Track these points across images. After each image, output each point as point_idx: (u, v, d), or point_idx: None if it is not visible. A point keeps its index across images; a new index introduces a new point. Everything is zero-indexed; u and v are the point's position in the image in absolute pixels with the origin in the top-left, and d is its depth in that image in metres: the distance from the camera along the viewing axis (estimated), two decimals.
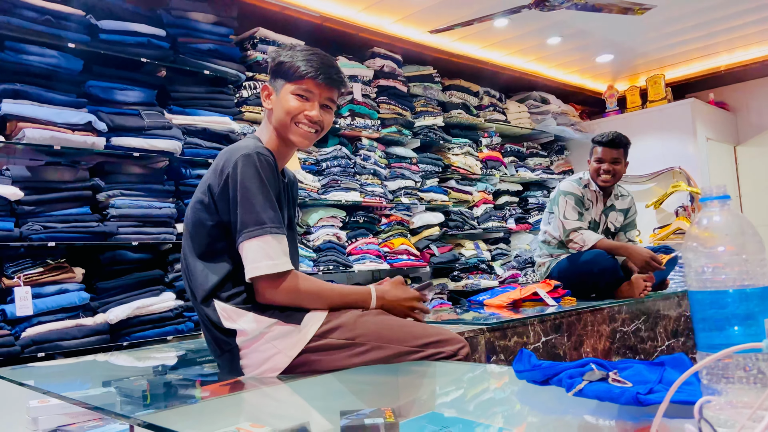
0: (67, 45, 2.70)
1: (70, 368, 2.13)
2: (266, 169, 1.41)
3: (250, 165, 1.39)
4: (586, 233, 3.08)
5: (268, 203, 1.38)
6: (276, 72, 1.52)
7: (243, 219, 1.36)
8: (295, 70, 1.48)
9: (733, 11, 4.24)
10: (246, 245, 1.36)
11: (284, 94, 1.50)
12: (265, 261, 1.34)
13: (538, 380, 1.06)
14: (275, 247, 1.36)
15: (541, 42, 4.59)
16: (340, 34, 3.99)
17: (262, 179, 1.38)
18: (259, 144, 1.47)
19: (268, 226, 1.36)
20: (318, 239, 3.67)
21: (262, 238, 1.35)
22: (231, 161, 1.40)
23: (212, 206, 1.42)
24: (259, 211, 1.36)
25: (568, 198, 3.15)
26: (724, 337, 0.71)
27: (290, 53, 1.51)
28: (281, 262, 1.36)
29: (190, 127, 3.06)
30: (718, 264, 0.71)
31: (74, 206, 2.67)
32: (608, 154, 3.11)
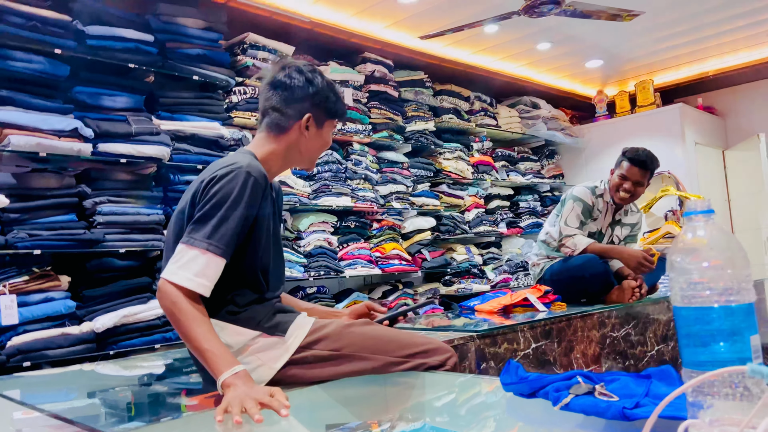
0: (54, 51, 2.67)
1: (55, 378, 2.11)
2: (249, 189, 1.35)
3: (233, 181, 1.35)
4: (577, 238, 3.06)
5: (229, 223, 1.32)
6: (319, 105, 1.53)
7: (196, 224, 1.32)
8: (341, 112, 1.58)
9: (722, 17, 4.27)
10: (185, 248, 1.30)
11: (328, 129, 1.57)
12: (187, 273, 1.28)
13: (525, 393, 1.05)
14: (209, 267, 1.30)
15: (531, 47, 4.61)
16: (331, 40, 3.98)
17: (240, 198, 1.34)
18: (254, 163, 1.42)
19: (212, 242, 1.30)
20: (309, 244, 3.65)
21: (200, 251, 1.29)
22: (220, 171, 1.37)
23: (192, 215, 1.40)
24: (212, 225, 1.31)
25: (576, 204, 3.10)
26: (710, 353, 0.71)
27: (329, 89, 1.55)
28: (198, 283, 1.29)
29: (178, 132, 3.04)
30: (702, 279, 0.70)
31: (60, 213, 2.64)
32: (635, 174, 3.05)
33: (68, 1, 2.85)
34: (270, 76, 1.56)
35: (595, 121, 5.76)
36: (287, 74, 1.53)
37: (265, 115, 1.55)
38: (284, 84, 1.53)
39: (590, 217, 3.15)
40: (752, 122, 5.65)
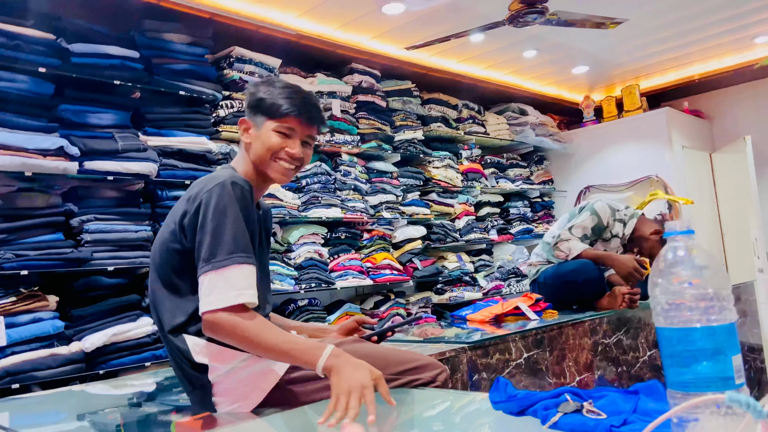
0: (38, 69, 2.66)
1: (45, 400, 2.08)
2: (240, 199, 1.37)
3: (224, 193, 1.35)
4: (572, 242, 3.05)
5: (241, 233, 1.35)
6: (256, 107, 1.50)
7: (211, 248, 1.31)
8: (278, 108, 1.48)
9: (705, 22, 4.31)
10: (213, 275, 1.29)
11: (266, 130, 1.49)
12: (233, 291, 1.28)
13: (514, 411, 1.05)
14: (245, 277, 1.30)
15: (517, 55, 4.63)
16: (318, 51, 3.99)
17: (235, 208, 1.35)
18: (235, 174, 1.44)
19: (237, 255, 1.31)
20: (299, 257, 3.64)
21: (231, 267, 1.29)
22: (204, 190, 1.37)
23: (181, 236, 1.39)
24: (228, 241, 1.32)
25: (592, 217, 3.07)
26: (693, 373, 0.71)
27: (270, 89, 1.50)
28: (245, 294, 1.29)
29: (165, 148, 3.03)
30: (684, 300, 0.70)
31: (47, 233, 2.62)
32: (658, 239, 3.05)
33: (52, 20, 2.84)
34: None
35: (583, 126, 5.80)
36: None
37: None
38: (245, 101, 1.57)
39: (600, 237, 3.11)
40: (738, 125, 5.70)
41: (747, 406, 0.52)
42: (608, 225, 3.10)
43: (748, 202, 5.07)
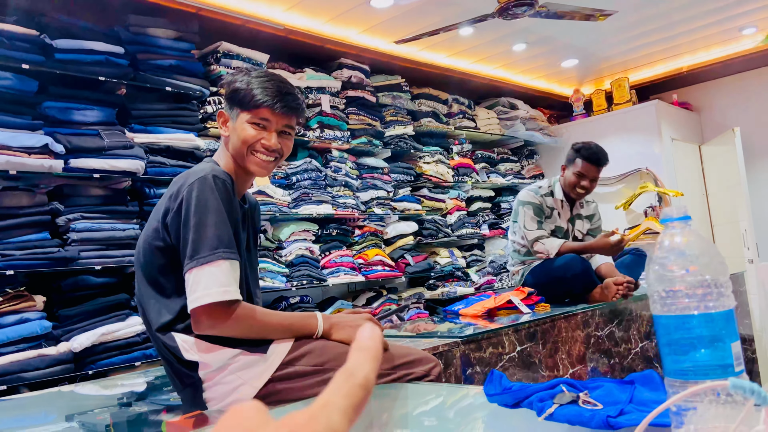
0: (22, 66, 2.62)
1: (33, 401, 2.05)
2: (222, 192, 1.36)
3: (205, 188, 1.33)
4: (548, 241, 3.10)
5: (223, 228, 1.32)
6: (231, 99, 1.47)
7: (195, 244, 1.30)
8: (250, 99, 1.43)
9: (694, 13, 4.32)
10: (197, 272, 1.28)
11: (240, 122, 1.45)
12: (215, 288, 1.27)
13: (509, 404, 1.03)
14: (227, 273, 1.30)
15: (507, 49, 4.62)
16: (306, 46, 3.96)
17: (217, 202, 1.33)
18: (216, 167, 1.42)
19: (220, 250, 1.30)
20: (291, 254, 3.62)
21: (215, 263, 1.29)
22: (186, 185, 1.35)
23: (165, 233, 1.37)
24: (211, 236, 1.30)
25: (526, 208, 3.17)
26: (691, 361, 0.69)
27: (245, 79, 1.46)
28: (232, 290, 1.29)
29: (152, 145, 2.99)
30: (681, 287, 0.69)
31: (33, 232, 2.58)
32: (591, 171, 3.10)
33: (35, 16, 2.80)
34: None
35: (573, 120, 5.80)
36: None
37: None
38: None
39: (543, 215, 3.18)
40: (727, 116, 5.72)
41: (751, 392, 0.50)
42: (541, 203, 3.18)
43: (737, 193, 5.09)
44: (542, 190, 3.22)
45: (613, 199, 5.33)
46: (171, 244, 1.36)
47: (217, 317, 1.29)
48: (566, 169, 3.19)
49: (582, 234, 3.34)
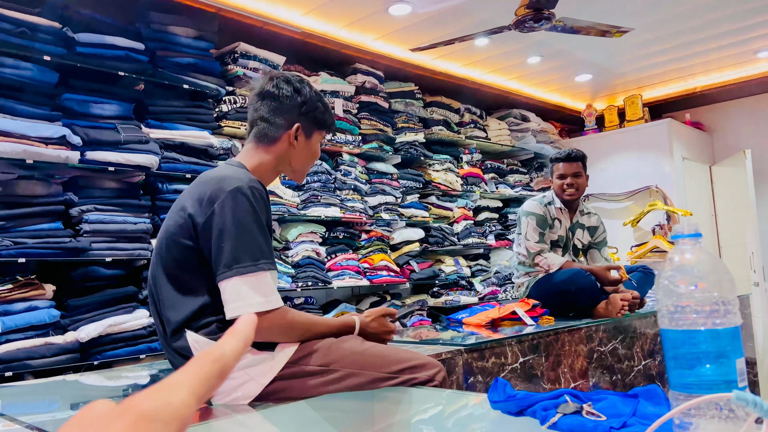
0: (43, 57, 2.66)
1: (38, 389, 2.07)
2: (260, 203, 1.39)
3: (244, 199, 1.36)
4: (550, 257, 3.13)
5: (263, 239, 1.36)
6: (308, 114, 1.54)
7: (236, 253, 1.32)
8: (330, 123, 1.59)
9: (709, 34, 4.33)
10: (238, 280, 1.31)
11: (316, 140, 1.58)
12: (258, 298, 1.31)
13: (513, 411, 1.05)
14: (270, 283, 1.34)
15: (522, 61, 4.64)
16: (322, 50, 3.99)
17: (257, 214, 1.36)
18: (250, 176, 1.44)
19: (262, 262, 1.34)
20: (297, 255, 3.64)
21: (256, 275, 1.32)
22: (221, 193, 1.36)
23: (193, 236, 1.38)
24: (254, 248, 1.33)
25: (530, 219, 3.20)
26: (696, 376, 0.71)
27: (317, 99, 1.56)
28: (274, 299, 1.34)
29: (167, 141, 3.02)
30: (689, 303, 0.70)
31: (46, 221, 2.61)
32: (568, 168, 3.18)
33: (58, 9, 2.84)
34: (259, 87, 1.57)
35: (584, 134, 5.81)
36: (275, 84, 1.54)
37: (254, 125, 1.56)
38: (273, 94, 1.54)
39: (548, 226, 3.21)
40: (739, 138, 5.72)
41: (754, 405, 0.52)
42: (545, 213, 3.21)
43: (746, 216, 5.09)
44: (545, 199, 3.26)
45: (622, 215, 5.33)
46: (198, 248, 1.38)
47: (263, 325, 1.33)
48: (552, 180, 3.27)
49: (582, 244, 3.35)
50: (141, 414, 0.27)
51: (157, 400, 0.28)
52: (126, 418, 0.27)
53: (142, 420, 0.26)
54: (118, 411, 0.27)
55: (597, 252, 3.39)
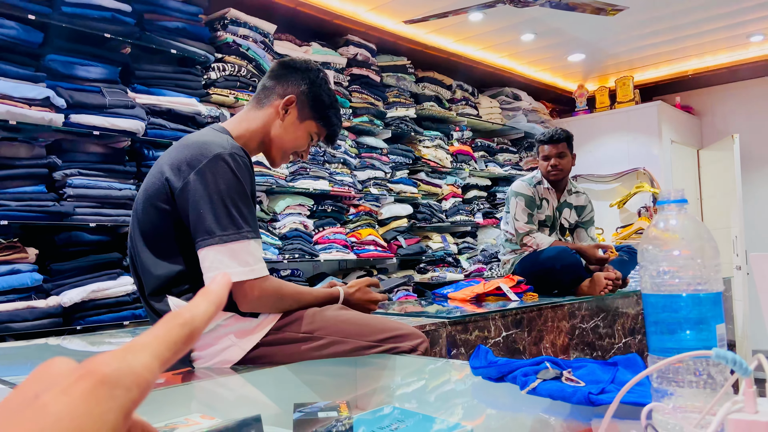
0: (27, 16, 2.59)
1: (19, 351, 2.06)
2: (243, 171, 1.35)
3: (225, 166, 1.32)
4: (538, 237, 3.16)
5: (246, 207, 1.33)
6: (308, 99, 1.51)
7: (218, 221, 1.29)
8: (327, 120, 1.54)
9: (703, 16, 4.32)
10: (220, 249, 1.28)
11: (305, 126, 1.52)
12: (240, 267, 1.29)
13: (494, 377, 1.05)
14: (254, 252, 1.31)
15: (515, 38, 4.61)
16: (314, 20, 3.93)
17: (239, 182, 1.33)
18: (232, 142, 1.40)
19: (245, 230, 1.30)
20: (284, 227, 3.63)
21: (239, 242, 1.29)
22: (201, 158, 1.32)
23: (170, 201, 1.35)
24: (236, 216, 1.30)
25: (518, 199, 3.22)
26: (676, 341, 0.71)
27: (330, 97, 1.54)
28: (259, 268, 1.32)
29: (154, 107, 2.98)
30: (672, 268, 0.70)
31: (29, 184, 2.57)
32: (552, 149, 3.20)
33: None
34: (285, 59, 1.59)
35: (575, 115, 5.81)
36: (295, 58, 1.57)
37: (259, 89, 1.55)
38: (288, 63, 1.55)
39: (536, 206, 3.22)
40: (727, 123, 5.74)
41: (733, 363, 0.52)
42: (534, 194, 3.24)
43: (731, 200, 5.13)
44: (534, 179, 3.29)
45: (609, 196, 5.35)
46: (177, 214, 1.35)
47: (253, 294, 1.31)
48: (538, 161, 3.29)
49: (569, 223, 3.38)
50: (101, 378, 0.26)
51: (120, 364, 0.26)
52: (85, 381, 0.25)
53: (102, 385, 0.25)
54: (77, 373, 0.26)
55: (584, 231, 3.42)
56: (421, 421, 0.95)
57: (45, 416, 0.24)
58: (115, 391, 0.25)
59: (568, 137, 3.25)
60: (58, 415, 0.24)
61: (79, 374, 0.26)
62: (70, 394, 0.25)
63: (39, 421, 0.24)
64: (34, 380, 0.27)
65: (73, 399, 0.25)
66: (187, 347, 0.29)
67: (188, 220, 1.32)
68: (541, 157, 3.24)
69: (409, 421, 0.93)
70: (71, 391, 0.25)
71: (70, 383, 0.25)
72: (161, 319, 0.29)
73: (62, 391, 0.25)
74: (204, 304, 0.30)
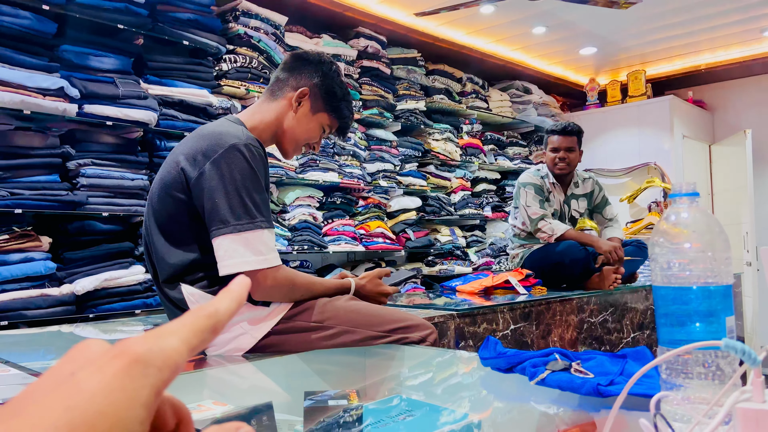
0: (42, 7, 2.61)
1: (33, 338, 2.10)
2: (258, 161, 1.37)
3: (240, 156, 1.34)
4: (554, 222, 3.12)
5: (260, 197, 1.35)
6: (320, 88, 1.52)
7: (233, 210, 1.30)
8: (339, 112, 1.55)
9: (717, 10, 4.28)
10: (234, 238, 1.30)
11: (317, 118, 1.54)
12: (254, 256, 1.30)
13: (503, 368, 1.06)
14: (267, 241, 1.33)
15: (526, 31, 4.59)
16: (325, 12, 3.93)
17: (254, 172, 1.35)
18: (248, 133, 1.42)
19: (259, 220, 1.32)
20: (294, 218, 3.64)
21: (253, 232, 1.31)
22: (217, 149, 1.34)
23: (186, 190, 1.37)
24: (251, 205, 1.32)
25: (527, 189, 3.20)
26: (686, 333, 0.72)
27: (342, 90, 1.55)
28: (272, 257, 1.34)
29: (166, 98, 2.99)
30: (683, 260, 0.71)
31: (43, 173, 2.60)
32: (562, 142, 3.17)
33: None
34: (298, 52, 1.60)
35: (586, 109, 5.78)
36: (308, 51, 1.58)
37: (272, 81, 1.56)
38: (301, 56, 1.56)
39: (544, 195, 3.21)
40: (740, 118, 5.70)
41: (743, 353, 0.53)
42: (541, 185, 3.22)
43: (742, 196, 5.10)
44: (540, 172, 3.27)
45: (619, 191, 5.33)
46: (191, 203, 1.37)
47: (266, 283, 1.33)
48: (545, 153, 3.26)
49: (579, 213, 3.36)
50: (135, 358, 0.27)
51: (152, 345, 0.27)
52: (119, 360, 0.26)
53: (136, 364, 0.26)
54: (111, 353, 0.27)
55: (599, 215, 3.42)
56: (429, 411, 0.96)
57: (80, 392, 0.25)
58: (147, 369, 0.26)
59: (579, 131, 3.22)
60: (93, 390, 0.25)
61: (113, 354, 0.27)
62: (105, 372, 0.26)
63: (74, 397, 0.25)
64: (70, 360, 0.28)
65: (108, 376, 0.26)
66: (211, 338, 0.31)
67: (203, 209, 1.34)
68: (549, 149, 3.21)
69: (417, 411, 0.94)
70: (106, 369, 0.26)
71: (105, 362, 0.27)
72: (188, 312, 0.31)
73: (97, 369, 0.26)
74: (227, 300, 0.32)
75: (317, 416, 0.88)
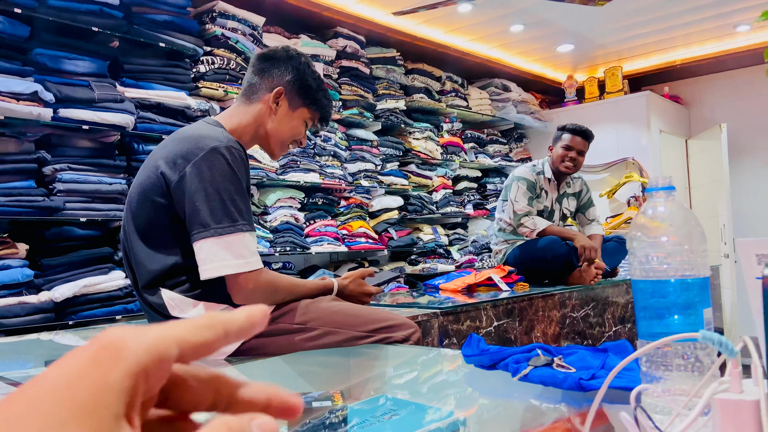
0: (14, 10, 2.56)
1: (11, 347, 2.06)
2: (239, 164, 1.36)
3: (222, 159, 1.33)
4: (537, 218, 3.17)
5: (242, 200, 1.34)
6: (295, 84, 1.51)
7: (213, 214, 1.30)
8: (318, 103, 1.54)
9: (691, 6, 4.34)
10: (215, 241, 1.29)
11: (298, 114, 1.53)
12: (235, 259, 1.30)
13: (486, 365, 1.07)
14: (249, 245, 1.33)
15: (504, 29, 4.61)
16: (302, 12, 3.92)
17: (235, 175, 1.34)
18: (228, 135, 1.41)
19: (241, 223, 1.32)
20: (275, 220, 3.63)
21: (235, 235, 1.30)
22: (198, 152, 1.33)
23: (166, 194, 1.35)
24: (232, 209, 1.31)
25: (520, 183, 3.23)
26: (664, 325, 0.73)
27: (316, 80, 1.54)
28: (254, 260, 1.33)
29: (143, 101, 2.96)
30: (661, 254, 0.72)
31: (18, 179, 2.55)
32: (578, 144, 3.19)
33: None
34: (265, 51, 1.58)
35: (564, 106, 5.83)
36: (274, 48, 1.57)
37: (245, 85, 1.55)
38: (268, 55, 1.54)
39: (535, 192, 3.24)
40: (715, 112, 5.79)
41: (719, 344, 0.53)
42: (536, 181, 3.25)
43: (719, 189, 5.18)
44: (536, 168, 3.30)
45: (598, 187, 5.39)
46: (172, 208, 1.36)
47: (246, 286, 1.32)
48: (553, 147, 3.26)
49: (570, 212, 3.40)
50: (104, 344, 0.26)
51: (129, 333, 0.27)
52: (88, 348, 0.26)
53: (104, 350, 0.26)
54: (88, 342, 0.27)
55: (582, 215, 3.46)
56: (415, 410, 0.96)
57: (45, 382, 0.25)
58: (119, 353, 0.26)
59: (593, 139, 3.27)
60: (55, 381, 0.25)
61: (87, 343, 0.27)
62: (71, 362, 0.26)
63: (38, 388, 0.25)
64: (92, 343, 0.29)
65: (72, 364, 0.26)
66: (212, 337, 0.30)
67: (184, 213, 1.33)
68: (561, 145, 3.22)
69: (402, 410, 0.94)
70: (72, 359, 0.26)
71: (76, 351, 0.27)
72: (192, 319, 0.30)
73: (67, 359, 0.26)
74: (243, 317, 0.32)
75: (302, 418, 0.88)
